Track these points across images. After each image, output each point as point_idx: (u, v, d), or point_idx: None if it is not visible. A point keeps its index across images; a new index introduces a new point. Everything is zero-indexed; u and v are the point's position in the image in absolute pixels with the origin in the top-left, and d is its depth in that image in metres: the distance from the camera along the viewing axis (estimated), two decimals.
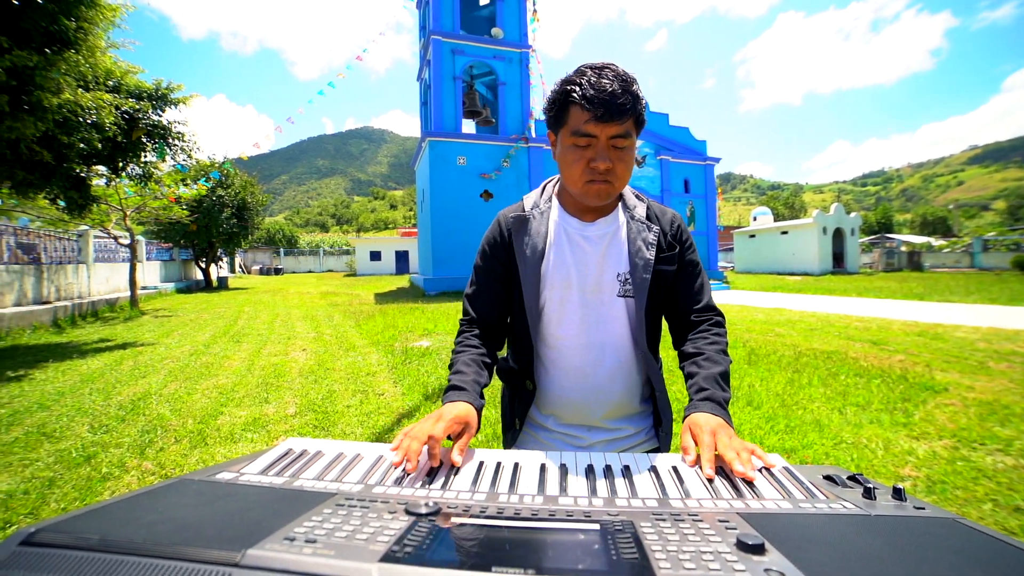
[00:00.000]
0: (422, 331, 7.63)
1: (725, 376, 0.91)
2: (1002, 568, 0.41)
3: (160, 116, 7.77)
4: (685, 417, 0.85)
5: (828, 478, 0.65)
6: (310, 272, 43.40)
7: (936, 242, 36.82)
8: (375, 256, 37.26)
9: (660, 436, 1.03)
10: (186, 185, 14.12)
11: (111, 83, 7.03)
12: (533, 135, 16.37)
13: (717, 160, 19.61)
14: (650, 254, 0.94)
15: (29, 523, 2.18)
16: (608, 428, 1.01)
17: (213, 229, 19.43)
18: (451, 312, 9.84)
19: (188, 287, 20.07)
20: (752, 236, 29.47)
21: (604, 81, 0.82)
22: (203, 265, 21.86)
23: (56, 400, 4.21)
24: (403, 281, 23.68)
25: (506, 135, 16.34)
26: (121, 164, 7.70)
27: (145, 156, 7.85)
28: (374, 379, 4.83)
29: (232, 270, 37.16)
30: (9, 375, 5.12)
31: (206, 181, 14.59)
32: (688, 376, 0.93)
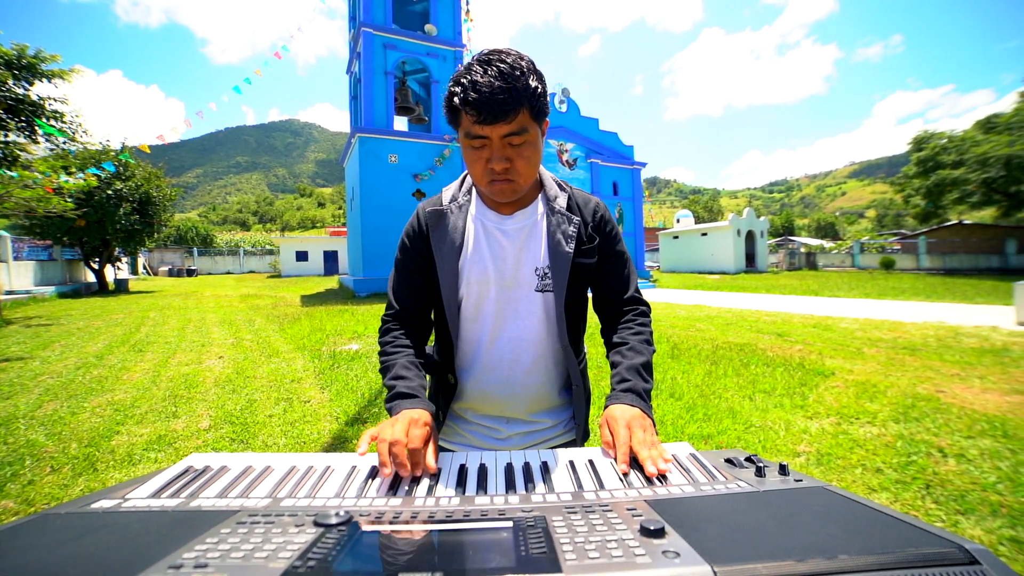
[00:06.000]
0: (351, 334, 7.32)
1: (647, 366, 0.92)
2: (857, 525, 0.48)
3: (27, 90, 6.69)
4: (607, 407, 0.85)
5: (729, 461, 0.71)
6: (228, 273, 39.99)
7: (827, 244, 41.79)
8: (301, 256, 35.17)
9: (576, 428, 1.04)
10: (70, 174, 12.32)
11: None
12: None
13: (643, 165, 20.70)
14: (569, 247, 0.92)
15: None
16: (527, 420, 1.00)
17: (108, 226, 17.09)
18: (382, 314, 9.52)
19: (75, 291, 17.61)
20: (675, 237, 31.46)
21: (486, 80, 0.75)
22: (96, 266, 19.33)
23: None
24: (332, 282, 22.57)
25: (439, 134, 16.11)
26: None
27: (6, 135, 6.72)
28: (299, 386, 4.55)
29: (134, 271, 33.35)
30: None
31: (97, 171, 12.84)
32: (612, 365, 0.94)
